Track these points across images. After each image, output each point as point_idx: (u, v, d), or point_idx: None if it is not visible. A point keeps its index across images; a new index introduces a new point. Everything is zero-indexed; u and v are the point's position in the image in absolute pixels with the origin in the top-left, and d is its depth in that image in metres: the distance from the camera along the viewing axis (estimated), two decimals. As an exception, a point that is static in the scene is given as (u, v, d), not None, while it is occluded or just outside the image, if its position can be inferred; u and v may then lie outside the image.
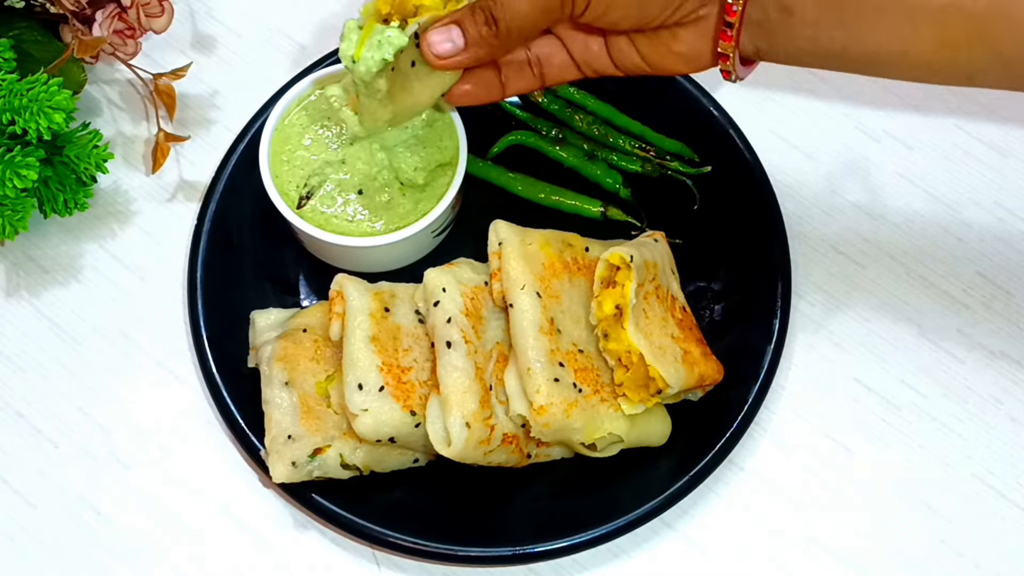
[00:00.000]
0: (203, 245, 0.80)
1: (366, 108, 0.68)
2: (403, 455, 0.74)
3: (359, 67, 0.64)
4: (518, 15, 0.65)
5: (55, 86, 0.74)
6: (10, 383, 0.80)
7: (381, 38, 0.63)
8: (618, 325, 0.73)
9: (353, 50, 0.64)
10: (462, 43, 0.66)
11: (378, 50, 0.63)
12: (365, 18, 0.64)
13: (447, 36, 0.65)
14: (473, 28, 0.65)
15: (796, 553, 0.76)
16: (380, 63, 0.64)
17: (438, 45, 0.65)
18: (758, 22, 0.65)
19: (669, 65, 0.70)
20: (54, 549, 0.76)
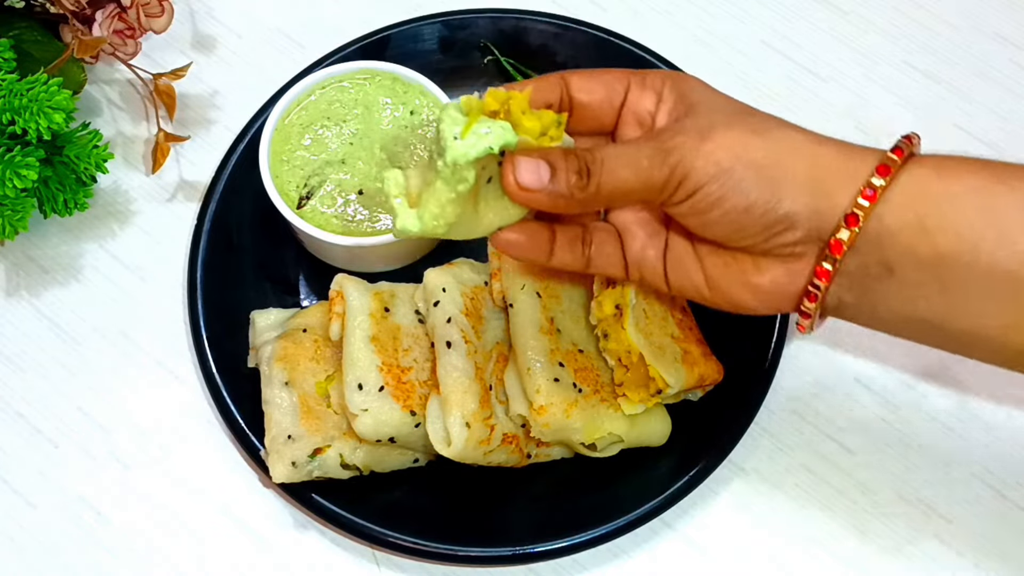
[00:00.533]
0: (203, 245, 0.80)
1: (437, 197, 0.59)
2: (403, 455, 0.74)
3: (458, 147, 0.57)
4: (614, 179, 0.59)
5: (55, 86, 0.74)
6: (10, 383, 0.80)
7: (492, 127, 0.58)
8: (618, 325, 0.73)
9: (459, 128, 0.58)
10: (546, 181, 0.59)
11: (485, 137, 0.57)
12: (466, 108, 0.59)
13: (535, 168, 0.59)
14: (563, 172, 0.59)
15: (796, 553, 0.76)
16: (483, 151, 0.57)
17: (524, 173, 0.59)
18: (852, 274, 0.60)
19: (736, 295, 0.63)
20: (54, 549, 0.76)
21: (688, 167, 0.58)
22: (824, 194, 0.58)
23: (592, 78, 0.65)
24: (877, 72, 0.93)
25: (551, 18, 0.88)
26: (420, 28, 0.88)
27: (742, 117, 0.61)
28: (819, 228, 0.59)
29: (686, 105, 0.62)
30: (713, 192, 0.59)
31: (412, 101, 0.80)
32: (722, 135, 0.59)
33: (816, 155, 0.59)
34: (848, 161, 0.59)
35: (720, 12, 0.95)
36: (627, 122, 0.65)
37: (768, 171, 0.58)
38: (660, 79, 0.64)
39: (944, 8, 0.95)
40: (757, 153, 0.59)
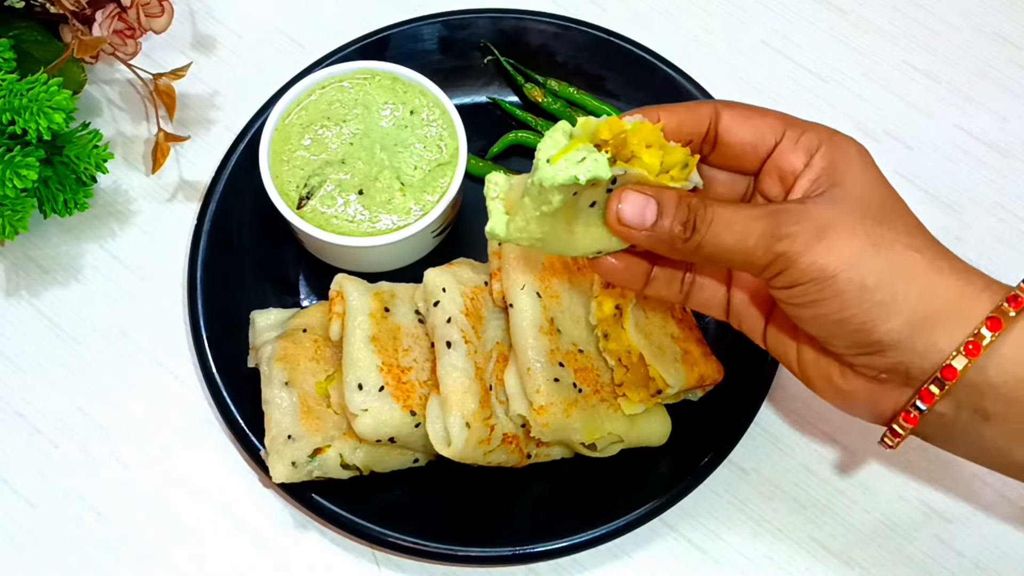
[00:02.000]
0: (203, 245, 0.80)
1: (524, 212, 0.58)
2: (403, 455, 0.74)
3: (547, 170, 0.55)
4: (716, 243, 0.57)
5: (55, 86, 0.74)
6: (10, 383, 0.80)
7: (587, 156, 0.55)
8: (618, 325, 0.73)
9: (554, 151, 0.56)
10: (650, 223, 0.57)
11: (576, 166, 0.55)
12: (582, 131, 0.56)
13: (642, 206, 0.57)
14: (668, 220, 0.57)
15: (796, 553, 0.76)
16: (570, 179, 0.55)
17: (628, 209, 0.57)
18: (942, 415, 0.58)
19: (820, 389, 0.62)
20: (54, 549, 0.76)
21: (793, 260, 0.56)
22: (925, 332, 0.56)
23: (746, 120, 0.61)
24: (877, 72, 0.93)
25: (551, 18, 0.88)
26: (420, 28, 0.88)
27: (872, 223, 0.57)
28: (907, 366, 0.57)
29: (831, 182, 0.59)
30: (811, 293, 0.57)
31: (412, 101, 0.80)
32: (839, 241, 0.56)
33: (931, 287, 0.56)
34: (962, 301, 0.56)
35: (720, 12, 0.95)
36: (769, 173, 0.62)
37: (872, 294, 0.56)
38: (817, 139, 0.60)
39: (944, 8, 0.95)
40: (868, 272, 0.56)
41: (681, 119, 0.61)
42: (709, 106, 0.61)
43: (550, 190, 0.56)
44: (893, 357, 0.57)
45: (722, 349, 0.78)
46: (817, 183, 0.59)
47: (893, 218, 0.58)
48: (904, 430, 0.59)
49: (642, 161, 0.57)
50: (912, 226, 0.58)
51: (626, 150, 0.57)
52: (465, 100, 0.88)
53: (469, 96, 0.89)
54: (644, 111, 0.60)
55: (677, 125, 0.60)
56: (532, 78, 0.88)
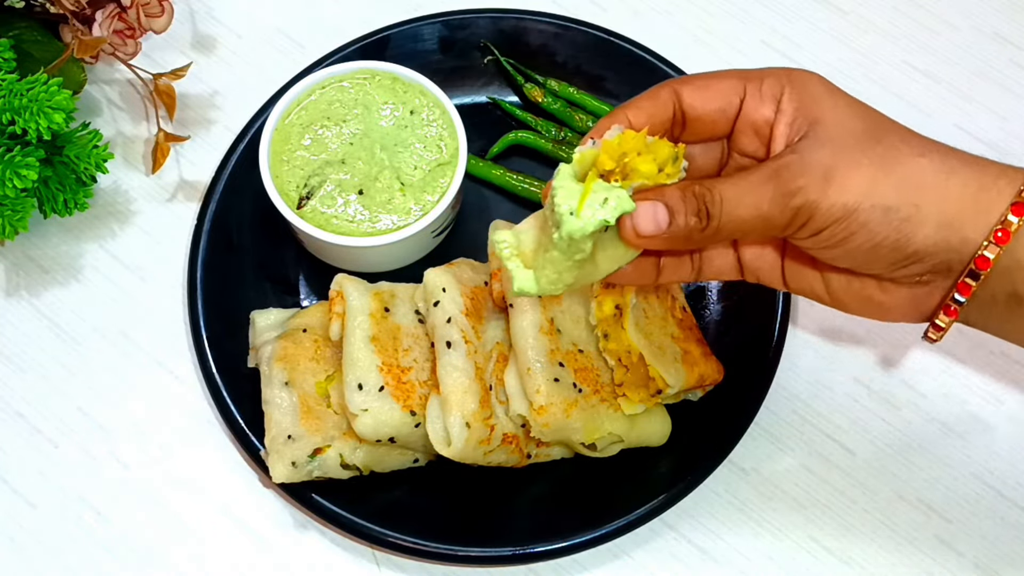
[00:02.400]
0: (203, 245, 0.80)
1: (554, 265, 0.58)
2: (403, 455, 0.74)
3: (574, 223, 0.55)
4: (734, 219, 0.57)
5: (55, 86, 0.74)
6: (10, 383, 0.80)
7: (609, 196, 0.55)
8: (618, 325, 0.73)
9: (574, 202, 0.55)
10: (665, 225, 0.57)
11: (602, 209, 0.55)
12: (580, 168, 0.56)
13: (652, 213, 0.57)
14: (682, 216, 0.57)
15: (796, 553, 0.76)
16: (599, 224, 0.55)
17: (643, 222, 0.57)
18: (981, 300, 0.59)
19: (857, 309, 0.63)
20: (54, 549, 0.76)
21: (812, 210, 0.57)
22: (954, 230, 0.57)
23: (706, 89, 0.61)
24: (877, 72, 0.93)
25: (551, 18, 0.88)
26: (420, 28, 0.88)
27: (869, 145, 0.58)
28: (948, 262, 0.58)
29: (807, 121, 0.59)
30: (839, 233, 0.58)
31: (412, 101, 0.80)
32: (848, 176, 0.57)
33: (947, 190, 0.57)
34: (981, 193, 0.57)
35: (720, 12, 0.95)
36: (743, 131, 0.62)
37: (896, 212, 0.57)
38: (778, 85, 0.60)
39: (944, 8, 0.95)
40: (885, 194, 0.56)
41: (648, 112, 0.61)
42: (667, 89, 0.62)
43: (582, 240, 0.56)
44: (933, 260, 0.58)
45: (722, 349, 0.78)
46: (795, 126, 0.59)
47: (883, 133, 0.59)
48: (946, 324, 0.60)
49: (640, 172, 0.57)
50: (904, 134, 0.59)
51: (626, 168, 0.57)
52: (465, 100, 0.88)
53: (469, 96, 0.89)
54: (613, 117, 0.61)
55: (647, 119, 0.61)
56: (532, 78, 0.88)
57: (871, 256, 0.58)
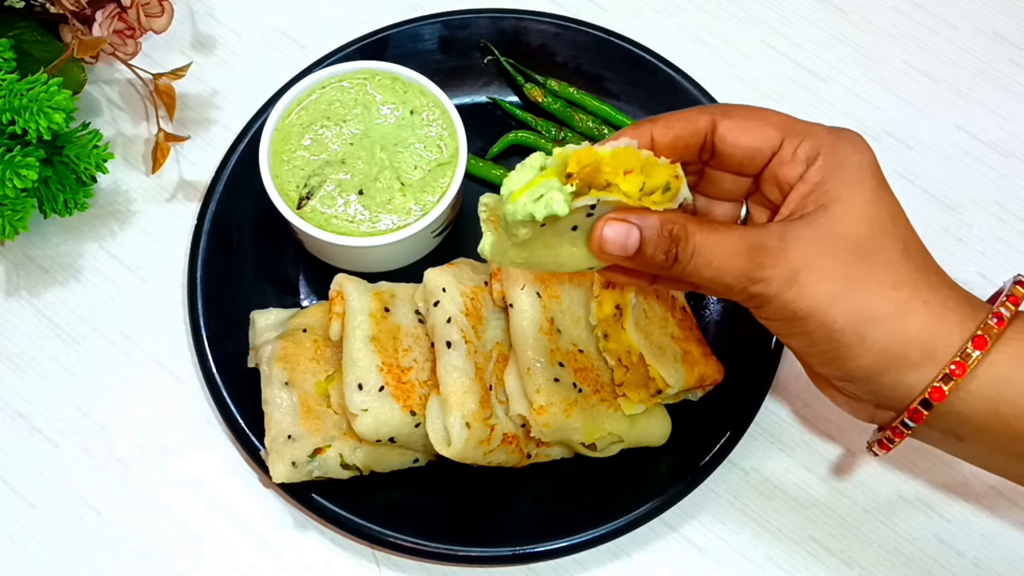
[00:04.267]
0: (203, 245, 0.80)
1: (501, 240, 0.59)
2: (403, 455, 0.74)
3: (507, 207, 0.56)
4: (697, 273, 0.58)
5: (55, 86, 0.74)
6: (10, 383, 0.80)
7: (545, 195, 0.55)
8: (618, 325, 0.73)
9: (516, 187, 0.56)
10: (632, 251, 0.57)
11: (533, 204, 0.55)
12: (557, 162, 0.56)
13: (624, 235, 0.57)
14: (651, 248, 0.57)
15: (796, 553, 0.76)
16: (527, 216, 0.55)
17: (609, 242, 0.57)
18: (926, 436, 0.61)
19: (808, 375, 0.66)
20: (54, 549, 0.76)
21: (765, 301, 0.58)
22: (893, 372, 0.58)
23: (744, 130, 0.61)
24: (877, 72, 0.93)
25: (551, 18, 0.88)
26: (420, 28, 0.88)
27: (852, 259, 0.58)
28: (879, 396, 0.59)
29: (821, 202, 0.59)
30: (784, 328, 0.59)
31: (412, 101, 0.80)
32: (811, 285, 0.57)
33: (900, 329, 0.57)
34: (932, 340, 0.57)
35: (720, 12, 0.95)
36: (768, 180, 0.62)
37: (840, 336, 0.57)
38: (815, 149, 0.60)
39: (944, 8, 0.95)
40: (836, 316, 0.57)
41: (676, 133, 0.61)
42: (706, 116, 0.61)
43: (513, 225, 0.56)
44: (864, 387, 0.60)
45: (722, 349, 0.78)
46: (807, 200, 0.59)
47: (877, 249, 0.58)
48: (892, 443, 0.62)
49: (619, 188, 0.56)
50: (898, 253, 0.59)
51: (600, 178, 0.56)
52: (465, 100, 0.88)
53: (469, 96, 0.89)
54: (636, 127, 0.60)
55: (672, 140, 0.60)
56: (532, 78, 0.88)
57: (813, 359, 0.60)
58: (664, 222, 0.57)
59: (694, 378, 0.74)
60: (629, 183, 0.56)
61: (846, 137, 0.61)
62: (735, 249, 0.57)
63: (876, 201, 0.59)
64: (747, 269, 0.57)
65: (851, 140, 0.61)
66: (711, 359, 0.76)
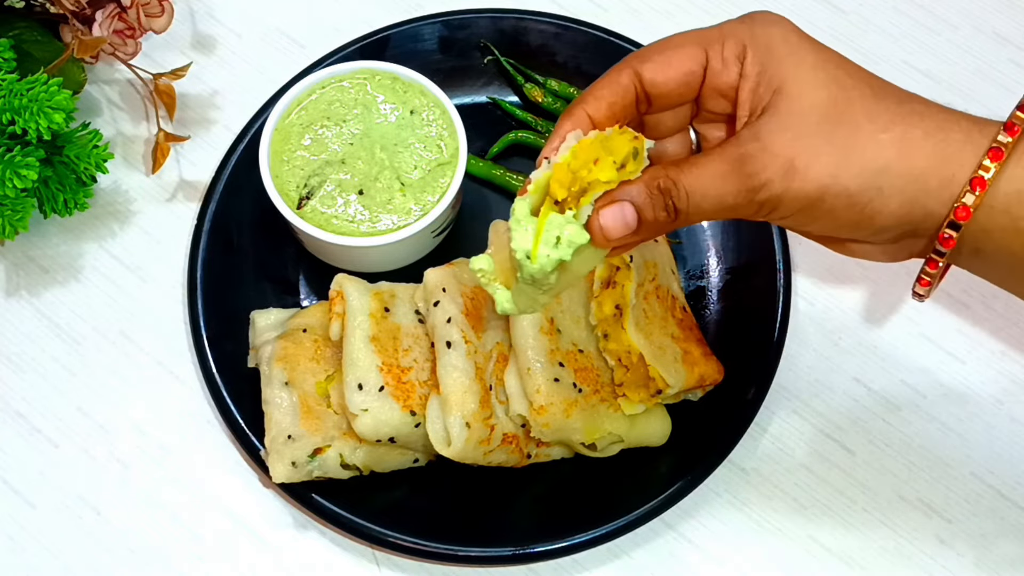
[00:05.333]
0: (203, 245, 0.80)
1: (527, 294, 0.59)
2: (403, 455, 0.74)
3: (532, 267, 0.55)
4: (701, 211, 0.57)
5: (55, 86, 0.74)
6: (10, 383, 0.80)
7: (561, 236, 0.55)
8: (618, 325, 0.73)
9: (529, 245, 0.55)
10: (635, 224, 0.57)
11: (556, 249, 0.55)
12: (536, 198, 0.56)
13: (620, 217, 0.56)
14: (649, 212, 0.57)
15: (796, 553, 0.76)
16: (556, 263, 0.55)
17: (611, 228, 0.56)
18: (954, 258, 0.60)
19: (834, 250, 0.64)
20: (54, 549, 0.76)
21: (777, 202, 0.57)
22: (920, 204, 0.57)
23: (667, 64, 0.60)
24: (877, 72, 0.92)
25: (551, 18, 0.88)
26: (420, 28, 0.88)
27: (831, 127, 0.57)
28: (913, 230, 0.59)
29: (771, 88, 0.58)
30: (804, 217, 0.58)
31: (412, 101, 0.80)
32: (810, 166, 0.56)
33: (911, 165, 0.57)
34: (945, 163, 0.57)
35: (720, 12, 0.95)
36: (709, 96, 0.61)
37: (860, 196, 0.57)
38: (740, 45, 0.60)
39: (944, 8, 0.95)
40: (847, 181, 0.57)
41: (607, 102, 0.60)
42: (627, 71, 0.61)
43: (544, 278, 0.56)
44: (898, 231, 0.59)
45: (722, 349, 0.78)
46: (758, 92, 0.59)
47: (847, 106, 0.58)
48: (931, 276, 0.61)
49: (599, 181, 0.56)
50: (868, 98, 0.58)
51: (579, 184, 0.56)
52: (465, 100, 0.88)
53: (469, 96, 0.89)
54: (570, 116, 0.59)
55: (607, 110, 0.60)
56: (532, 78, 0.88)
57: (841, 230, 0.59)
58: (647, 183, 0.57)
59: (694, 378, 0.74)
60: (604, 171, 0.56)
61: (758, 20, 0.61)
62: (722, 171, 0.57)
63: (819, 62, 0.59)
64: (743, 182, 0.57)
65: (763, 19, 0.61)
66: (711, 359, 0.76)
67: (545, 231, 0.55)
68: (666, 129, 0.64)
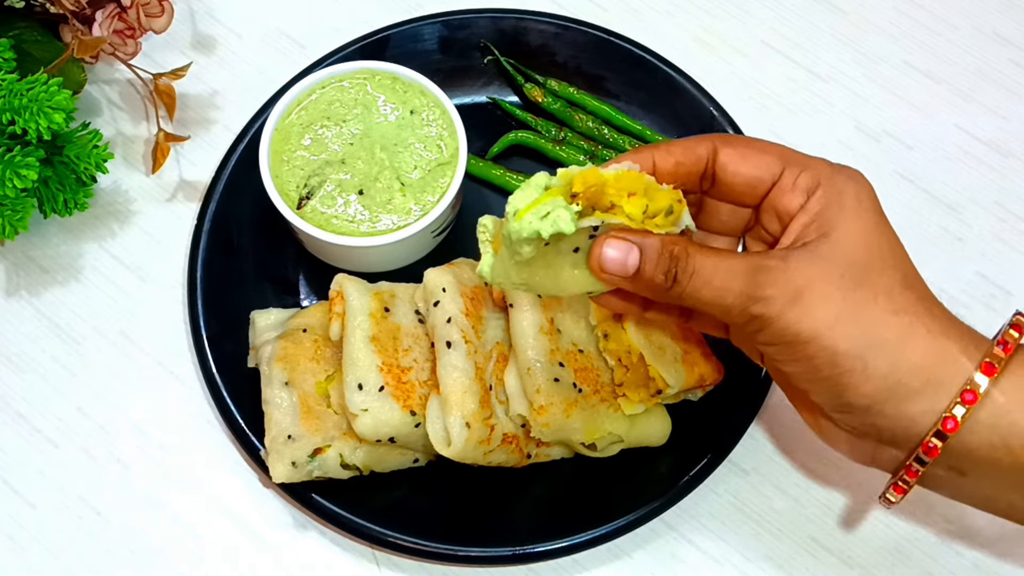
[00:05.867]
0: (203, 245, 0.80)
1: (502, 260, 0.59)
2: (403, 455, 0.74)
3: (513, 224, 0.56)
4: (696, 296, 0.58)
5: (55, 86, 0.74)
6: (10, 383, 0.80)
7: (552, 212, 0.55)
8: (618, 325, 0.73)
9: (521, 205, 0.56)
10: (632, 271, 0.57)
11: (539, 221, 0.55)
12: (560, 181, 0.56)
13: (624, 253, 0.57)
14: (651, 267, 0.57)
15: (796, 553, 0.76)
16: (532, 233, 0.55)
17: (609, 261, 0.57)
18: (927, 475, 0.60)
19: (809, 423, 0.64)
20: (54, 549, 0.76)
21: (767, 323, 0.57)
22: (896, 400, 0.57)
23: (744, 159, 0.61)
24: (877, 72, 0.93)
25: (551, 18, 0.88)
26: (420, 28, 0.88)
27: (852, 283, 0.57)
28: (882, 428, 0.58)
29: (821, 230, 0.59)
30: (785, 354, 0.58)
31: (412, 101, 0.80)
32: (813, 307, 0.56)
33: (903, 356, 0.57)
34: (937, 368, 0.57)
35: (720, 12, 0.95)
36: (767, 210, 0.62)
37: (843, 360, 0.57)
38: (815, 180, 0.60)
39: (944, 8, 0.95)
40: (840, 339, 0.56)
41: (677, 160, 0.61)
42: (707, 144, 0.61)
43: (518, 242, 0.56)
44: (863, 419, 0.58)
45: (722, 349, 0.78)
46: (808, 229, 0.59)
47: (876, 276, 0.58)
48: (908, 484, 0.61)
49: (622, 210, 0.56)
50: (897, 282, 0.58)
51: (604, 199, 0.56)
52: (465, 100, 0.88)
53: (469, 96, 0.89)
54: (638, 152, 0.60)
55: (673, 166, 0.61)
56: (532, 78, 0.88)
57: (812, 387, 0.59)
58: (665, 243, 0.57)
59: (694, 378, 0.74)
60: (633, 205, 0.57)
61: (845, 171, 0.61)
62: (736, 269, 0.57)
63: (876, 231, 0.59)
64: (748, 288, 0.57)
65: (850, 173, 0.61)
66: (711, 359, 0.76)
67: (542, 204, 0.56)
68: (721, 224, 0.65)
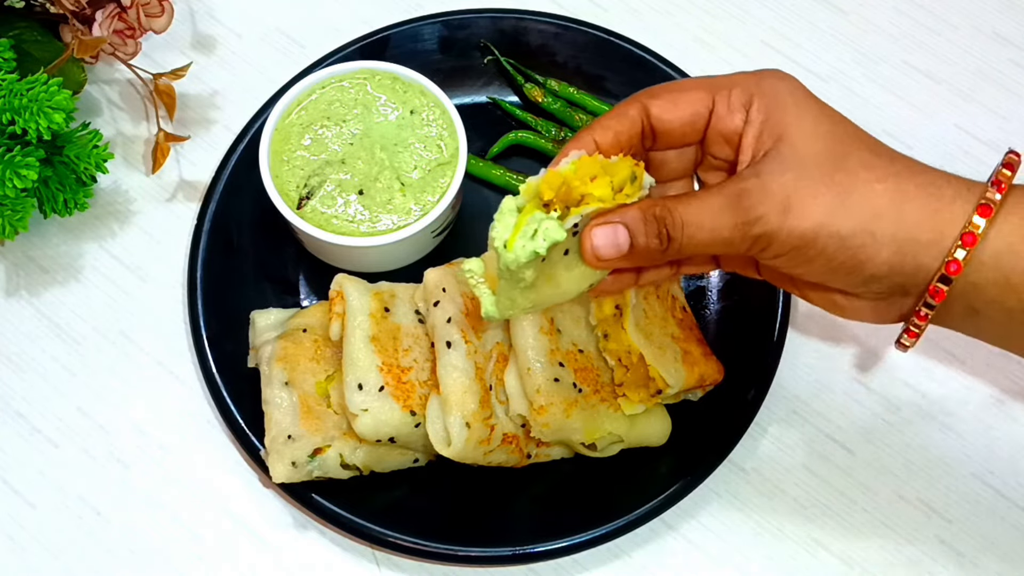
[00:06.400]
0: (203, 245, 0.80)
1: (505, 293, 0.60)
2: (403, 455, 0.74)
3: (508, 255, 0.57)
4: (694, 243, 0.59)
5: (55, 86, 0.74)
6: (10, 383, 0.80)
7: (538, 228, 0.56)
8: (618, 325, 0.73)
9: (507, 235, 0.57)
10: (626, 248, 0.58)
11: (531, 241, 0.56)
12: (526, 198, 0.57)
13: (612, 238, 0.58)
14: (642, 238, 0.58)
15: (796, 553, 0.76)
16: (531, 255, 0.56)
17: (602, 248, 0.58)
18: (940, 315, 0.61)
19: (826, 308, 0.64)
20: (54, 549, 0.76)
21: (771, 238, 0.58)
22: (909, 256, 0.58)
23: (674, 103, 0.62)
24: (877, 72, 0.93)
25: (551, 18, 0.88)
26: (420, 28, 0.88)
27: (829, 171, 0.58)
28: (903, 285, 0.59)
29: (773, 135, 0.60)
30: (797, 258, 0.59)
31: (412, 101, 0.80)
32: (807, 205, 0.58)
33: (902, 217, 0.58)
34: (936, 217, 0.58)
35: (720, 12, 0.95)
36: (714, 139, 0.63)
37: (852, 240, 0.58)
38: (746, 94, 0.61)
39: (944, 8, 0.95)
40: (841, 223, 0.58)
41: (614, 131, 0.62)
42: (636, 105, 0.62)
43: (519, 270, 0.57)
44: (889, 281, 0.60)
45: (722, 349, 0.78)
46: (762, 139, 0.60)
47: (844, 157, 0.59)
48: (919, 328, 0.62)
49: (593, 196, 0.57)
50: (866, 155, 0.60)
51: (573, 194, 0.57)
52: (465, 100, 0.88)
53: (469, 96, 0.89)
54: (578, 139, 0.61)
55: (613, 138, 0.61)
56: (532, 78, 0.88)
57: (830, 276, 0.60)
58: (645, 209, 0.59)
59: (694, 378, 0.74)
60: (599, 187, 0.57)
61: (768, 73, 0.62)
62: (720, 205, 0.59)
63: (822, 117, 0.61)
64: (739, 216, 0.58)
65: (773, 73, 0.62)
66: (711, 359, 0.76)
67: (526, 225, 0.57)
68: (671, 172, 0.66)
